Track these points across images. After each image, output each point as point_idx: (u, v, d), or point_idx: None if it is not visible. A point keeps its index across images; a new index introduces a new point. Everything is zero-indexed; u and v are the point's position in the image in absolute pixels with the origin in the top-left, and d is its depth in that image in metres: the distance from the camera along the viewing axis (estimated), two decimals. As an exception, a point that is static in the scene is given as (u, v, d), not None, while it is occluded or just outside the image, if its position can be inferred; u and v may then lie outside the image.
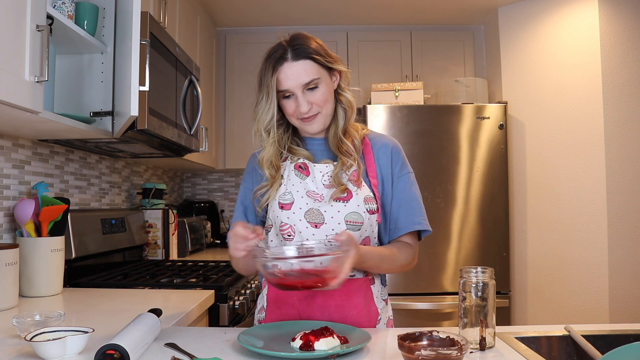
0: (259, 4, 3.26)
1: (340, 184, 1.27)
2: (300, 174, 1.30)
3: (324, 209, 1.26)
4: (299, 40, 1.25)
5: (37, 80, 1.26)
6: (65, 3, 1.57)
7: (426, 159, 3.05)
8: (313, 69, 1.24)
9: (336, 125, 1.33)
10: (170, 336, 1.14)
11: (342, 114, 1.33)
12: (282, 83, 1.24)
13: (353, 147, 1.31)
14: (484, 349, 1.05)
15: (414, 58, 3.59)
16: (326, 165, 1.31)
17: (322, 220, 1.25)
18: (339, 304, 1.25)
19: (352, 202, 1.26)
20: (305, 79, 1.23)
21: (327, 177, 1.29)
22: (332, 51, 1.30)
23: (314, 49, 1.25)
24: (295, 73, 1.23)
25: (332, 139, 1.33)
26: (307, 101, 1.25)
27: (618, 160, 2.93)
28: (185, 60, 2.33)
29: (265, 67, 1.26)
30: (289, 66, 1.23)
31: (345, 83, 1.32)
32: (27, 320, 1.09)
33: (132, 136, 1.84)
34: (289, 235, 1.27)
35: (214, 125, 3.39)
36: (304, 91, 1.24)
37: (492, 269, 1.09)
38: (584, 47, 3.01)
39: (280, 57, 1.24)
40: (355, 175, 1.28)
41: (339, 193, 1.26)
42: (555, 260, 3.08)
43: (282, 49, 1.24)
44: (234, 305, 1.86)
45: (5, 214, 1.72)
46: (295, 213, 1.26)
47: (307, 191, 1.28)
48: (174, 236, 2.76)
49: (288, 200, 1.28)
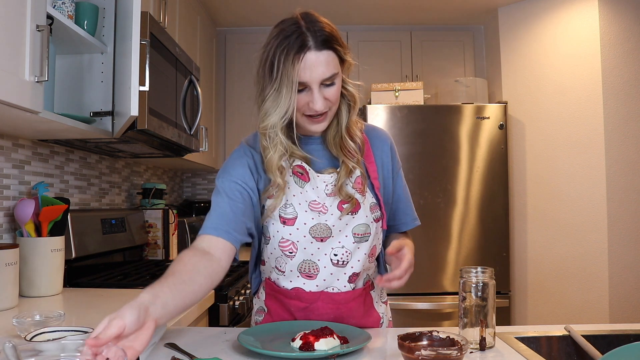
0: (259, 4, 3.26)
1: (348, 196, 1.16)
2: (300, 180, 1.18)
3: (331, 222, 1.16)
4: (319, 25, 1.09)
5: (37, 80, 1.26)
6: (65, 3, 1.57)
7: (426, 159, 3.05)
8: (335, 61, 1.10)
9: (338, 122, 1.19)
10: (170, 336, 1.14)
11: (346, 109, 1.19)
12: (300, 74, 1.07)
13: (356, 147, 1.20)
14: (484, 349, 1.05)
15: (414, 58, 3.59)
16: (330, 175, 1.19)
17: (329, 234, 1.17)
18: (338, 316, 1.20)
19: (360, 213, 1.18)
20: (326, 73, 1.08)
21: (330, 186, 1.18)
22: None
23: (336, 37, 1.10)
24: (317, 65, 1.07)
25: (332, 138, 1.20)
26: (323, 97, 1.10)
27: (618, 160, 2.93)
28: (185, 60, 2.33)
29: (282, 53, 1.07)
30: (312, 56, 1.07)
31: (347, 75, 1.18)
32: (27, 320, 1.09)
33: (132, 136, 1.84)
34: (290, 252, 1.17)
35: (214, 125, 3.39)
36: (320, 86, 1.10)
37: (492, 269, 1.09)
38: (584, 47, 3.01)
39: (302, 44, 1.06)
40: (359, 181, 1.19)
41: (351, 207, 1.16)
42: (555, 260, 3.08)
43: (301, 33, 1.07)
44: (234, 305, 1.86)
45: (5, 214, 1.72)
46: (299, 229, 1.16)
47: (309, 203, 1.17)
48: (174, 236, 2.76)
49: (290, 214, 1.16)
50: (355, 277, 1.22)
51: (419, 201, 2.96)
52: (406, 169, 3.01)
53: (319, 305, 1.21)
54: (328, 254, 1.18)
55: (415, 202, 1.38)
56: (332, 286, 1.21)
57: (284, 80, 1.07)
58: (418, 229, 1.38)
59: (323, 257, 1.18)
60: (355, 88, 1.19)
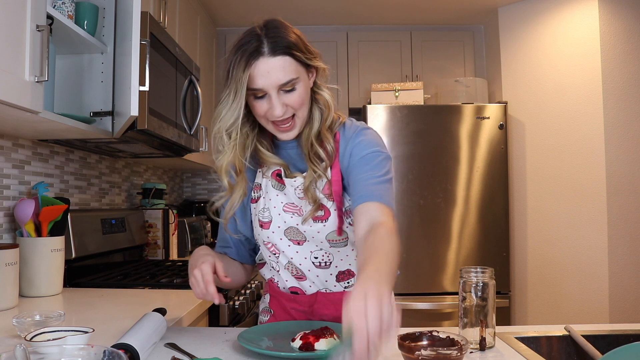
0: (259, 4, 3.26)
1: (314, 199, 1.14)
2: (278, 184, 1.19)
3: (302, 228, 1.16)
4: (277, 31, 1.08)
5: (37, 80, 1.26)
6: (65, 3, 1.57)
7: (426, 159, 3.05)
8: (292, 66, 1.07)
9: (310, 127, 1.17)
10: (170, 336, 1.14)
11: (318, 115, 1.17)
12: (255, 81, 1.06)
13: (325, 154, 1.16)
14: (484, 349, 1.05)
15: (414, 58, 3.59)
16: (294, 180, 1.18)
17: (304, 238, 1.18)
18: (338, 316, 1.17)
19: (330, 220, 1.15)
20: (282, 79, 1.07)
21: (299, 190, 1.17)
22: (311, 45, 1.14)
23: (294, 43, 1.08)
24: (271, 71, 1.06)
25: (304, 142, 1.18)
26: (282, 103, 1.09)
27: (618, 160, 2.93)
28: (185, 60, 2.33)
29: (235, 60, 1.07)
30: (264, 62, 1.05)
31: (322, 80, 1.17)
32: (27, 320, 1.09)
33: (132, 136, 1.84)
34: (274, 253, 1.22)
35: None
36: (279, 92, 1.08)
37: (492, 269, 1.09)
38: (584, 47, 3.01)
39: (254, 50, 1.06)
40: (327, 188, 1.16)
41: (314, 212, 1.14)
42: (555, 260, 3.08)
43: (256, 39, 1.07)
44: (234, 305, 1.86)
45: (5, 214, 1.72)
46: (274, 232, 1.19)
47: (284, 205, 1.18)
48: (174, 236, 2.76)
49: (266, 218, 1.19)
50: (344, 276, 1.22)
51: (419, 201, 2.96)
52: (406, 169, 3.04)
53: (318, 308, 1.23)
54: (308, 257, 1.20)
55: (415, 202, 1.38)
56: (324, 288, 1.23)
57: (234, 85, 1.07)
58: (418, 229, 1.37)
59: (304, 261, 1.20)
60: (330, 93, 1.18)
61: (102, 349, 0.73)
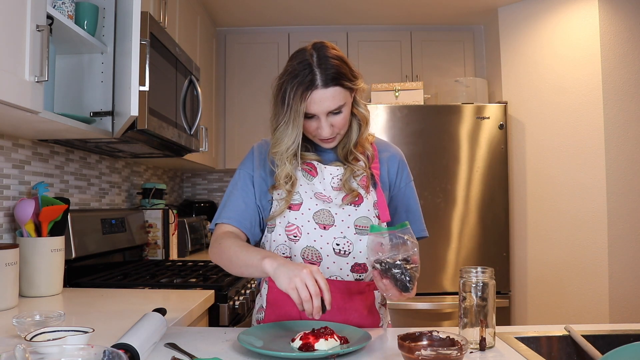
0: (259, 4, 3.26)
1: (351, 189, 1.27)
2: (308, 175, 1.30)
3: (334, 211, 1.26)
4: (329, 62, 1.20)
5: (37, 80, 1.26)
6: (65, 3, 1.57)
7: (426, 159, 3.05)
8: (341, 95, 1.21)
9: (348, 138, 1.31)
10: (170, 336, 1.14)
11: (357, 128, 1.31)
12: (309, 107, 1.21)
13: (364, 157, 1.31)
14: (484, 349, 1.05)
15: (414, 58, 3.59)
16: (337, 168, 1.30)
17: (332, 222, 1.25)
18: (341, 306, 1.24)
19: (362, 206, 1.26)
20: (332, 106, 1.21)
21: (336, 179, 1.29)
22: (353, 65, 1.27)
23: (343, 73, 1.21)
24: (323, 100, 1.20)
25: (340, 151, 1.32)
26: (330, 124, 1.24)
27: (618, 160, 2.93)
28: (185, 60, 2.33)
29: (292, 89, 1.20)
30: (318, 93, 1.19)
31: (360, 96, 1.30)
32: (27, 320, 1.09)
33: (132, 136, 1.84)
34: (295, 236, 1.26)
35: (214, 125, 3.39)
36: (327, 115, 1.22)
37: (492, 269, 1.09)
38: (584, 47, 3.01)
39: (310, 82, 1.19)
40: (364, 181, 1.29)
41: (352, 198, 1.26)
42: (555, 260, 3.08)
43: (310, 72, 1.19)
44: (234, 305, 1.86)
45: (5, 214, 1.72)
46: (303, 214, 1.26)
47: (315, 193, 1.28)
48: (174, 236, 2.76)
49: (297, 200, 1.27)
50: (359, 268, 1.26)
51: (419, 201, 2.94)
52: (406, 169, 3.03)
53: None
54: (330, 243, 1.25)
55: (415, 202, 1.41)
56: (335, 275, 1.26)
57: (292, 114, 1.21)
58: (418, 228, 1.41)
59: (325, 246, 1.25)
60: (366, 109, 1.31)
61: (102, 349, 0.73)
